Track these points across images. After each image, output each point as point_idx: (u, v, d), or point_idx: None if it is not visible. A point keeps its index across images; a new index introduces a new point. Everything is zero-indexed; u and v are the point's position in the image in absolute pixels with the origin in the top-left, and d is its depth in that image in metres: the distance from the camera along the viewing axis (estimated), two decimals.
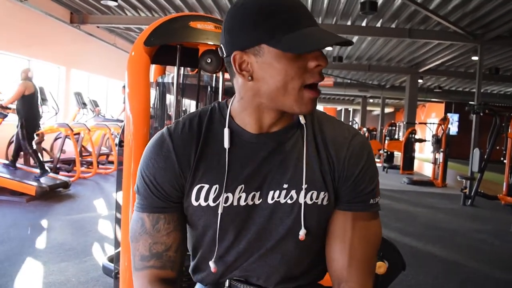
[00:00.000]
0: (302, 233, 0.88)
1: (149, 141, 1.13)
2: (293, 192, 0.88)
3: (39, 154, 6.16)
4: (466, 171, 8.55)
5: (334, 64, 12.71)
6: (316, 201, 0.89)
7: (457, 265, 3.80)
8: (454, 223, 5.64)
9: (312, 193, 0.88)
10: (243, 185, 0.88)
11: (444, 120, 9.84)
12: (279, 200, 0.88)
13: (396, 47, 10.85)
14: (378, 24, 8.70)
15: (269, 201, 0.88)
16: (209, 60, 1.56)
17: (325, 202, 0.89)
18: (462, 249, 4.34)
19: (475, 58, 9.74)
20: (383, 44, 10.74)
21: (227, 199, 0.87)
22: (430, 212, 6.38)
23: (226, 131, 0.88)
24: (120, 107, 9.63)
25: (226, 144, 0.88)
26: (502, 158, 6.93)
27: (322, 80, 0.82)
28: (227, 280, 0.95)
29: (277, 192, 0.88)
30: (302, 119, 0.91)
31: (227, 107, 0.91)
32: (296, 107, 0.82)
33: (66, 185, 5.93)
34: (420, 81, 14.40)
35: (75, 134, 7.11)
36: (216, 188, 0.87)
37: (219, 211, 0.87)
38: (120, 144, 1.50)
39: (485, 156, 7.06)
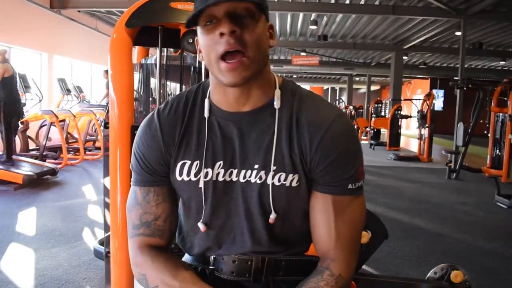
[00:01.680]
0: (272, 216, 0.91)
1: (133, 123, 1.16)
2: (262, 173, 0.91)
3: (13, 143, 6.06)
4: (451, 146, 8.69)
5: (319, 43, 12.69)
6: (284, 182, 0.90)
7: (443, 236, 3.91)
8: (440, 197, 5.76)
9: (281, 174, 0.90)
10: (221, 162, 0.92)
11: (429, 96, 9.94)
12: (250, 180, 0.92)
13: (381, 24, 10.86)
14: (362, 2, 8.69)
15: (241, 179, 0.92)
16: (190, 40, 1.57)
17: (294, 184, 0.91)
18: (447, 221, 4.45)
19: (458, 33, 9.81)
20: (368, 22, 10.74)
21: (207, 174, 0.92)
22: (416, 186, 6.50)
23: (206, 101, 0.94)
24: (103, 92, 9.53)
25: (206, 113, 0.93)
26: (485, 132, 7.05)
27: (230, 48, 0.82)
28: (212, 257, 0.99)
29: (249, 171, 0.91)
30: (276, 103, 0.92)
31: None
32: (221, 78, 0.85)
33: (53, 172, 5.90)
34: (405, 58, 14.47)
35: (60, 121, 7.04)
36: (197, 164, 0.93)
37: (200, 185, 0.92)
38: (106, 126, 1.51)
39: (469, 130, 7.17)
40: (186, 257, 1.06)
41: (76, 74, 11.00)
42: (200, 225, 0.95)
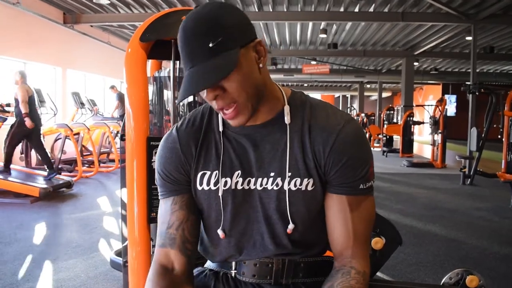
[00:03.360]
0: (290, 227, 0.96)
1: (149, 135, 1.22)
2: (278, 180, 0.96)
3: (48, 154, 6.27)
4: (465, 151, 8.61)
5: (329, 51, 12.73)
6: (300, 187, 0.95)
7: (457, 242, 3.87)
8: (454, 203, 5.71)
9: (296, 180, 0.95)
10: (239, 171, 0.97)
11: (441, 102, 9.89)
12: (267, 187, 0.97)
13: (390, 31, 10.86)
14: (371, 9, 8.71)
15: (258, 187, 0.97)
16: None
17: (309, 188, 0.95)
18: (462, 227, 4.41)
19: (469, 38, 9.76)
20: (377, 29, 10.74)
21: (226, 183, 0.98)
22: (430, 193, 6.45)
23: (220, 116, 0.99)
24: (113, 105, 9.62)
25: (220, 127, 0.99)
26: (499, 136, 6.98)
27: (221, 109, 0.88)
28: (233, 262, 1.03)
29: (265, 179, 0.97)
30: (286, 118, 0.96)
31: None
32: (229, 121, 0.93)
33: (69, 185, 5.99)
34: (415, 64, 14.41)
35: (74, 134, 7.16)
36: (216, 173, 0.98)
37: (219, 194, 0.97)
38: (122, 138, 1.55)
39: (483, 135, 7.11)
40: (208, 263, 1.10)
41: (89, 87, 11.16)
42: (220, 232, 0.98)
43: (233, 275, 1.03)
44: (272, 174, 0.96)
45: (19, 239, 3.82)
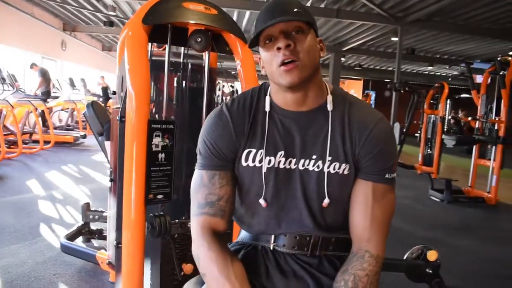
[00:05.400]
0: (326, 201, 1.07)
1: (149, 117, 1.26)
2: (319, 162, 1.08)
3: None
4: None
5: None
6: (338, 170, 1.08)
7: (392, 228, 4.20)
8: None
9: (335, 164, 1.08)
10: (283, 151, 1.08)
11: (366, 97, 10.54)
12: (308, 168, 1.08)
13: (323, 26, 11.25)
14: (308, 4, 8.97)
15: (300, 167, 1.09)
16: (199, 39, 1.63)
17: (346, 172, 1.08)
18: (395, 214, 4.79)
19: (395, 38, 10.44)
20: None
21: (270, 161, 1.08)
22: None
23: (267, 98, 1.11)
24: (36, 82, 8.99)
25: (267, 107, 1.10)
26: (418, 132, 7.61)
27: (286, 58, 0.99)
28: (273, 235, 1.12)
29: (307, 161, 1.08)
30: (329, 106, 1.08)
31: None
32: (281, 81, 1.02)
33: None
34: (342, 59, 15.08)
35: None
36: (262, 152, 1.08)
37: (263, 171, 1.08)
38: (121, 119, 1.53)
39: (404, 130, 7.70)
40: (242, 236, 1.19)
41: (10, 62, 10.32)
42: (262, 201, 1.08)
43: (271, 247, 1.12)
44: (314, 156, 1.07)
45: None
